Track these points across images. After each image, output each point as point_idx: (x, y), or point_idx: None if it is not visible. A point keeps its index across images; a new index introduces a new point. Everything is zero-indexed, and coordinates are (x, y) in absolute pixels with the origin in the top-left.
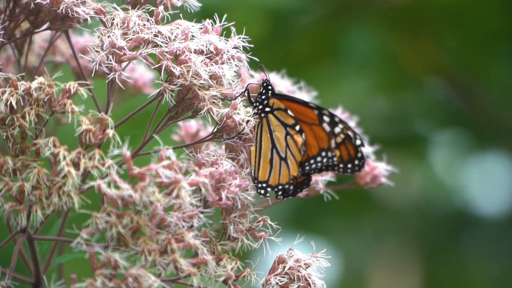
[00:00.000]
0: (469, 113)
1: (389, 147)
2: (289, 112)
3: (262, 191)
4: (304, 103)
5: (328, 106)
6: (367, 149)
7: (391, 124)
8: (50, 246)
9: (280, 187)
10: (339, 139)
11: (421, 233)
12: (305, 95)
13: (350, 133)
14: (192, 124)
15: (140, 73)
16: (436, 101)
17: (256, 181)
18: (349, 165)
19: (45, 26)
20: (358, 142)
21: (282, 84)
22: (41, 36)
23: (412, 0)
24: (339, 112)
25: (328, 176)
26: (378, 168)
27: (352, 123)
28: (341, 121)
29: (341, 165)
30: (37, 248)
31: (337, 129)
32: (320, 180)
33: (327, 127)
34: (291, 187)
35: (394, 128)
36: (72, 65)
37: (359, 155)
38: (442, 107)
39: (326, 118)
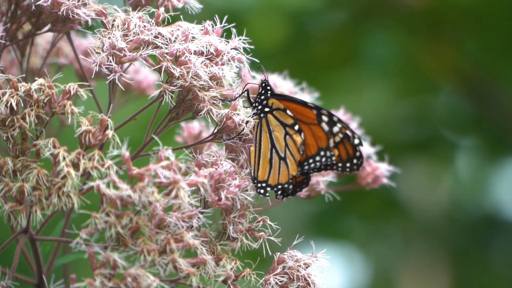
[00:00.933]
0: (489, 117)
1: (412, 151)
2: (288, 112)
3: (262, 191)
4: (303, 103)
5: (349, 111)
6: (369, 150)
7: (413, 129)
8: (53, 247)
9: (279, 186)
10: (337, 139)
11: (449, 238)
12: (307, 96)
13: (348, 132)
14: (195, 126)
15: (144, 75)
16: (456, 105)
17: (255, 181)
18: (348, 164)
19: (46, 28)
20: (356, 141)
21: (284, 85)
22: (45, 38)
23: (431, 4)
24: (341, 113)
25: (330, 176)
26: (379, 169)
27: (354, 124)
28: (340, 121)
29: (339, 164)
30: (39, 249)
31: (335, 129)
32: (322, 181)
33: (325, 127)
34: (291, 187)
35: (417, 132)
36: (75, 67)
37: (358, 154)
38: (462, 111)
39: (324, 118)
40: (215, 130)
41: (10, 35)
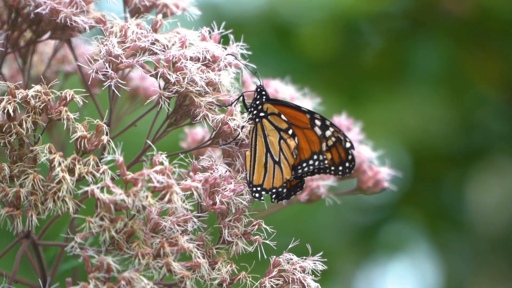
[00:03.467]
0: None
1: (465, 160)
2: (283, 116)
3: (257, 195)
4: (297, 107)
5: (396, 120)
6: (370, 154)
7: (464, 138)
8: (57, 252)
9: (274, 190)
10: (330, 142)
11: None
12: (308, 102)
13: (340, 136)
14: (198, 131)
15: (151, 81)
16: (505, 115)
17: (251, 185)
18: (340, 168)
19: (46, 36)
20: (348, 144)
21: (286, 90)
22: (51, 46)
23: (475, 14)
24: (343, 118)
25: (330, 180)
26: (381, 173)
27: (356, 129)
28: (332, 124)
29: (332, 168)
30: (42, 253)
31: (328, 132)
32: (322, 185)
33: (318, 131)
34: (285, 190)
35: (469, 142)
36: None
37: (350, 157)
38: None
39: (317, 122)
40: (212, 135)
41: (12, 42)
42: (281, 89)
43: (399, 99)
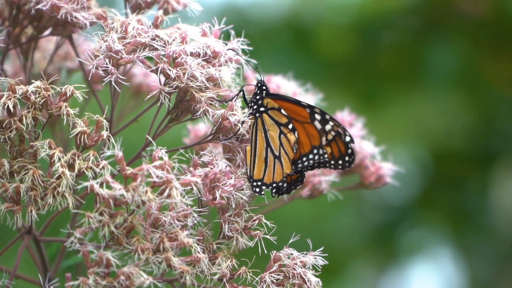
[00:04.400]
0: None
1: (484, 163)
2: (283, 111)
3: (257, 189)
4: (297, 102)
5: (414, 121)
6: (372, 149)
7: (479, 139)
8: (59, 248)
9: (274, 185)
10: (330, 136)
11: None
12: (311, 98)
13: (340, 130)
14: (200, 127)
15: (154, 78)
16: None
17: (251, 180)
18: (340, 162)
19: (47, 32)
20: (347, 138)
21: (288, 86)
22: (54, 43)
23: (493, 14)
24: (346, 114)
25: (332, 176)
26: (383, 168)
27: (358, 125)
28: (332, 119)
29: (332, 162)
30: (44, 249)
31: (327, 127)
32: (324, 180)
33: (318, 125)
34: (285, 185)
35: (488, 143)
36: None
37: (349, 151)
38: None
39: (317, 116)
40: (213, 131)
41: (13, 39)
42: (283, 84)
43: (416, 100)
